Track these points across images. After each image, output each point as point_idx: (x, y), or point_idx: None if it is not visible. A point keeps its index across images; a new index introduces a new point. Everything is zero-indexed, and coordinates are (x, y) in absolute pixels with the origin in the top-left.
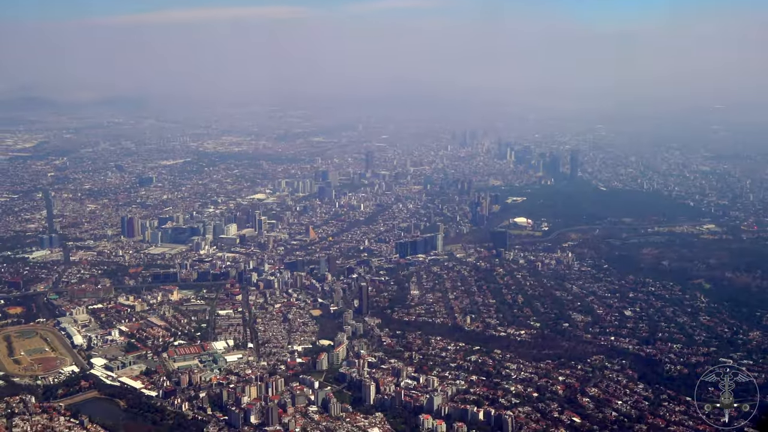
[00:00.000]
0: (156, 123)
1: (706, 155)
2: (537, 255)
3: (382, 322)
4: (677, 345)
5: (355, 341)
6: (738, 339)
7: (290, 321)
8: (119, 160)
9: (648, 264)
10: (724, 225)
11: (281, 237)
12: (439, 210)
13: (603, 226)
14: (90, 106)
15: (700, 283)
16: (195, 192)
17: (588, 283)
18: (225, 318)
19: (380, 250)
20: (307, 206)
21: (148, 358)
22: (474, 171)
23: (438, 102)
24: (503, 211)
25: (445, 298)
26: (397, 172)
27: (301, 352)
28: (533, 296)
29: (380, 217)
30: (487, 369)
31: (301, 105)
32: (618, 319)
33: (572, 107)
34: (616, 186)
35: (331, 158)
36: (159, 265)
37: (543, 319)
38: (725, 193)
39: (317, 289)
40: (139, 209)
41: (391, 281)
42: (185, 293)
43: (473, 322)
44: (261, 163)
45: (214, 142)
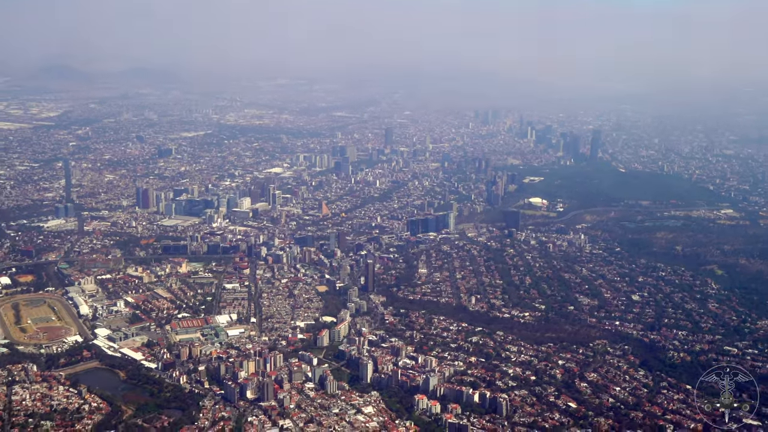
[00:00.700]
0: (181, 95)
1: (731, 138)
2: (549, 236)
3: (386, 300)
4: (682, 332)
5: (357, 319)
6: (745, 327)
7: (296, 296)
8: (141, 131)
9: (661, 248)
10: (743, 210)
11: (294, 212)
12: (454, 188)
13: (619, 208)
14: (118, 77)
15: (712, 269)
16: (213, 164)
17: (598, 266)
18: (231, 292)
19: (392, 227)
20: (322, 181)
21: (151, 330)
22: (493, 149)
23: (468, 78)
24: (519, 190)
25: (452, 277)
26: (416, 149)
27: (303, 328)
28: (541, 278)
29: (395, 194)
30: (487, 351)
31: (330, 79)
32: (625, 304)
33: (602, 86)
34: (636, 168)
35: (352, 133)
36: (170, 236)
37: (549, 301)
38: (747, 178)
39: (326, 265)
40: (156, 180)
41: (400, 259)
42: (194, 266)
43: (478, 302)
44: (281, 136)
45: (236, 115)
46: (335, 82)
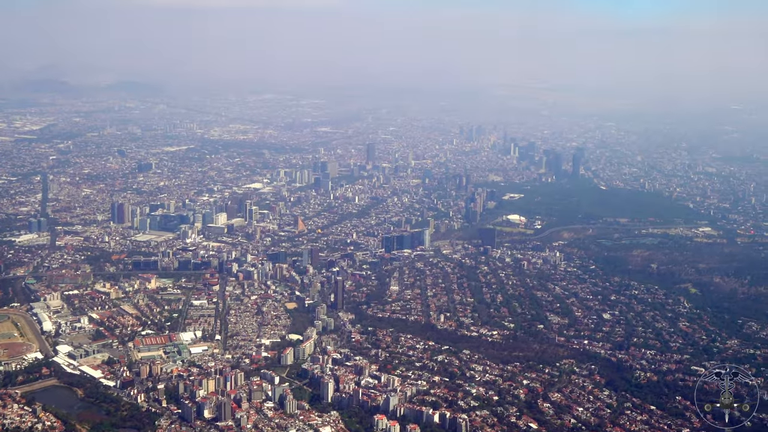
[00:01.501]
0: (167, 109)
1: (714, 156)
2: (525, 253)
3: (355, 318)
4: (651, 351)
5: (324, 336)
6: (714, 347)
7: (264, 314)
8: (123, 145)
9: (636, 266)
10: (721, 228)
11: (270, 228)
12: (433, 205)
13: (597, 225)
14: (106, 90)
15: (686, 287)
16: (193, 179)
17: (571, 284)
18: (198, 308)
19: (367, 243)
20: (301, 197)
21: (114, 347)
22: (476, 166)
23: (456, 94)
24: (499, 207)
25: (423, 295)
26: (397, 165)
27: (268, 345)
28: (513, 296)
29: (373, 211)
30: (452, 370)
31: (318, 94)
32: (595, 323)
33: (588, 103)
34: (618, 185)
35: (335, 149)
36: (142, 252)
37: (518, 319)
38: (727, 196)
39: (297, 281)
40: (133, 195)
41: (373, 276)
42: (164, 282)
43: (447, 320)
44: (263, 152)
45: (221, 130)
46: (322, 97)
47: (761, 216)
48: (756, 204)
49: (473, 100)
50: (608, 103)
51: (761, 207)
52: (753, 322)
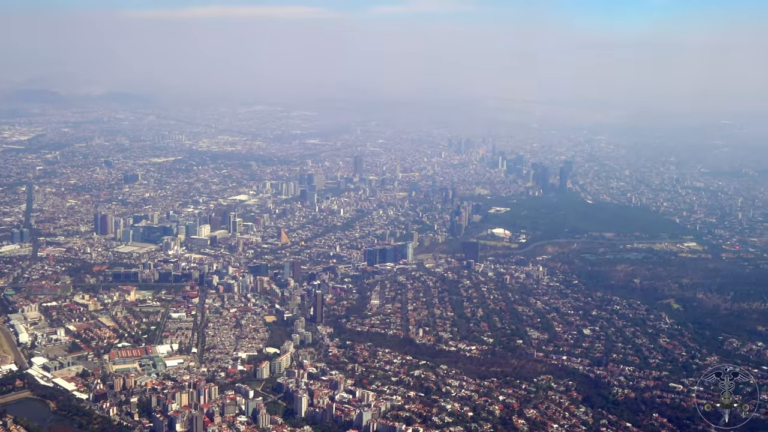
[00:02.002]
0: (156, 120)
1: (703, 171)
2: (508, 267)
3: (334, 332)
4: (630, 367)
5: (301, 350)
6: (693, 364)
7: (242, 327)
8: (111, 155)
9: (619, 281)
10: (706, 243)
11: (253, 240)
12: (419, 218)
13: (582, 240)
14: (96, 101)
15: (669, 303)
16: (179, 191)
17: (553, 299)
18: (176, 321)
19: (350, 256)
20: (286, 209)
21: (89, 359)
22: (463, 179)
23: (447, 107)
24: (484, 221)
25: (403, 309)
26: (384, 178)
27: (244, 359)
28: (494, 310)
29: (358, 223)
30: (428, 385)
31: (309, 106)
32: (575, 338)
33: (580, 117)
34: (605, 199)
35: (323, 161)
36: (124, 263)
37: (497, 334)
38: (714, 211)
39: (277, 294)
40: (118, 206)
41: (354, 289)
42: (143, 294)
43: (426, 335)
44: (251, 163)
45: (209, 141)
46: (313, 109)
47: (747, 231)
48: (743, 219)
49: (464, 113)
50: (599, 117)
51: (748, 222)
52: (734, 339)
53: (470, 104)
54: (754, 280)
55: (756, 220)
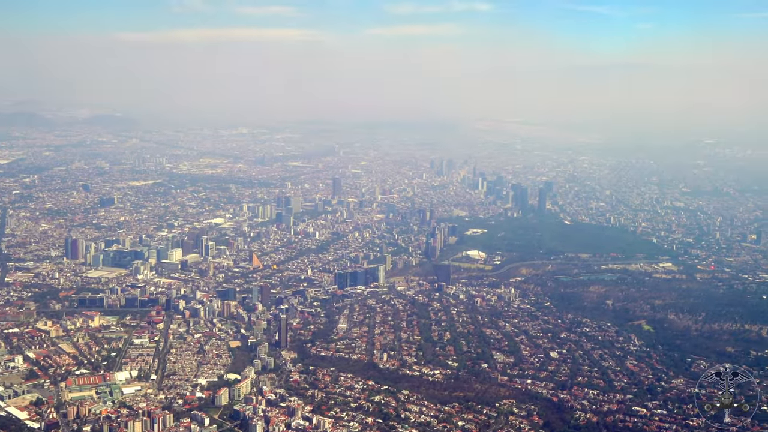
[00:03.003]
0: (139, 143)
1: (683, 191)
2: (480, 290)
3: (297, 357)
4: (594, 391)
5: (262, 376)
6: (659, 387)
7: (205, 352)
8: (89, 179)
9: (591, 302)
10: (682, 264)
11: (225, 263)
12: (394, 240)
13: (557, 261)
14: (81, 124)
15: (640, 324)
16: (155, 214)
17: (523, 322)
18: (138, 347)
19: (321, 280)
20: (261, 232)
21: (45, 387)
22: (442, 201)
23: (431, 129)
24: (460, 243)
25: (370, 333)
26: (363, 200)
27: (204, 385)
28: (461, 334)
29: (333, 246)
30: (387, 411)
31: (294, 129)
32: (541, 361)
33: (564, 138)
34: (583, 220)
35: (302, 184)
36: (91, 289)
37: (463, 358)
38: (692, 230)
39: (244, 319)
40: (91, 230)
41: (322, 313)
42: (108, 319)
43: (390, 359)
44: (230, 186)
45: (190, 164)
46: (298, 131)
47: (724, 251)
48: (720, 239)
49: (449, 134)
50: (583, 137)
51: (725, 242)
52: (702, 361)
53: (455, 125)
54: (727, 300)
55: (734, 239)
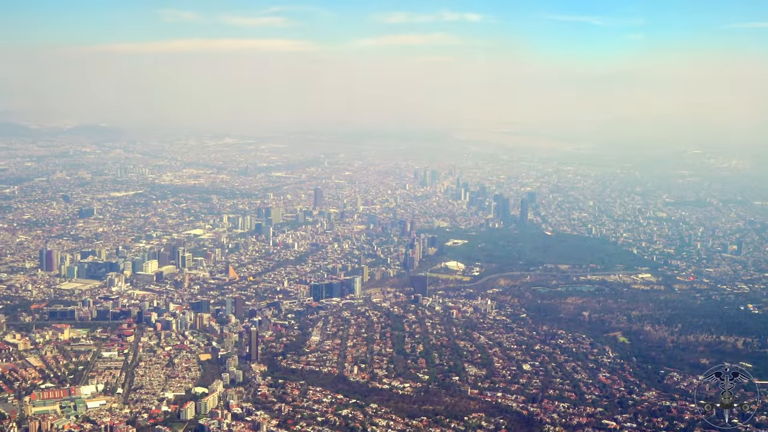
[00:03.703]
0: (123, 153)
1: (667, 201)
2: (456, 301)
3: (267, 370)
4: (564, 404)
5: (230, 390)
6: (630, 399)
7: (174, 365)
8: (71, 190)
9: (568, 314)
10: (661, 274)
11: (201, 275)
12: (373, 251)
13: (536, 272)
14: (66, 134)
15: (615, 336)
16: (134, 225)
17: (498, 334)
18: (106, 360)
19: (297, 292)
20: (239, 243)
21: (8, 401)
22: (424, 211)
23: (419, 138)
24: (439, 254)
25: (343, 345)
26: (345, 211)
27: (171, 399)
28: (434, 346)
29: (311, 257)
30: (354, 425)
31: (280, 139)
32: (513, 374)
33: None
34: (564, 231)
35: (285, 194)
36: (63, 301)
37: (434, 371)
38: (674, 241)
39: (216, 332)
40: (69, 242)
41: (296, 326)
42: (79, 332)
43: (360, 372)
44: (212, 197)
45: (173, 175)
46: (284, 141)
47: (705, 261)
48: (701, 249)
49: (436, 145)
50: (569, 147)
51: (706, 252)
52: (675, 373)
53: (442, 135)
54: (704, 312)
55: (714, 250)
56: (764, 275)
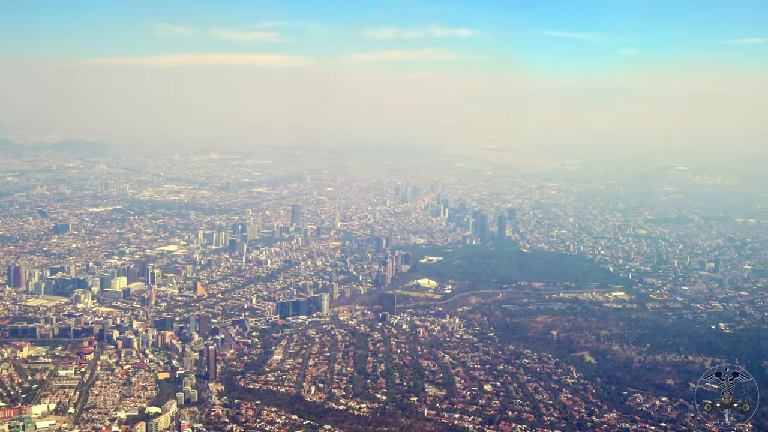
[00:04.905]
0: (106, 168)
1: (648, 217)
2: (424, 320)
3: (225, 389)
4: (522, 426)
5: (184, 410)
6: (589, 421)
7: (131, 384)
8: (49, 205)
9: (536, 333)
10: (635, 292)
11: (169, 292)
12: (346, 269)
13: (509, 290)
14: (50, 149)
15: (582, 355)
16: (108, 241)
17: (462, 353)
18: (62, 379)
19: (264, 309)
20: (212, 260)
21: None
22: (402, 228)
23: (405, 154)
24: (413, 271)
25: (304, 364)
26: (322, 227)
27: (123, 419)
28: (397, 365)
29: (283, 274)
30: None
31: (265, 154)
32: (473, 394)
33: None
34: (542, 248)
35: (264, 210)
36: (27, 318)
37: (393, 391)
38: (651, 258)
39: (177, 350)
40: (41, 258)
41: (259, 344)
42: (38, 350)
43: (318, 392)
44: (190, 212)
45: (153, 190)
46: (268, 157)
47: (681, 279)
48: (678, 267)
49: (420, 160)
50: (554, 163)
51: (683, 270)
52: (639, 394)
53: (429, 151)
54: (675, 331)
55: (692, 268)
56: (739, 293)
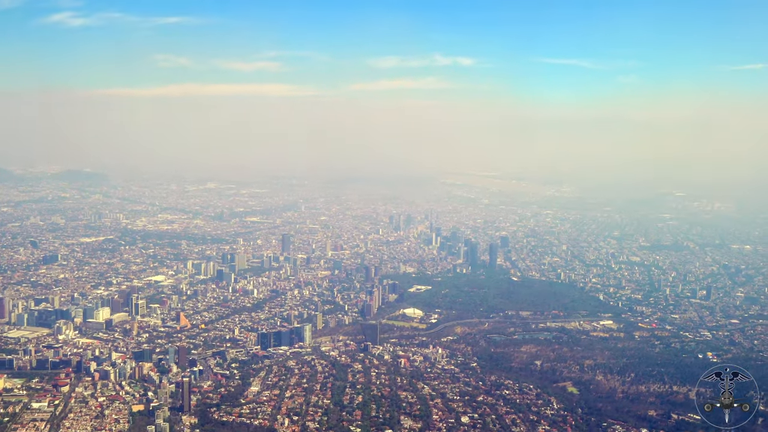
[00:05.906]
0: (101, 198)
1: (642, 244)
2: (407, 350)
3: (198, 422)
4: None
5: None
6: None
7: (104, 417)
8: (41, 235)
9: (520, 363)
10: (624, 321)
11: (152, 323)
12: (332, 298)
13: (496, 319)
14: (49, 179)
15: (565, 386)
16: (96, 272)
17: (443, 384)
18: (34, 411)
19: (246, 340)
20: (199, 290)
21: None
22: (393, 257)
23: (401, 183)
24: (400, 300)
25: (281, 396)
26: (312, 256)
27: None
28: (375, 397)
29: (268, 304)
30: None
31: (262, 184)
32: (449, 427)
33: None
34: (533, 276)
35: (255, 240)
36: (6, 350)
37: (368, 424)
38: (643, 286)
39: (155, 381)
40: (27, 288)
41: (238, 375)
42: (14, 382)
43: (291, 425)
44: (181, 242)
45: (147, 220)
46: (265, 186)
47: (671, 308)
48: (670, 295)
49: (418, 189)
50: (551, 191)
51: (674, 298)
52: (619, 425)
53: (428, 180)
54: (661, 360)
55: (683, 296)
56: (730, 321)
